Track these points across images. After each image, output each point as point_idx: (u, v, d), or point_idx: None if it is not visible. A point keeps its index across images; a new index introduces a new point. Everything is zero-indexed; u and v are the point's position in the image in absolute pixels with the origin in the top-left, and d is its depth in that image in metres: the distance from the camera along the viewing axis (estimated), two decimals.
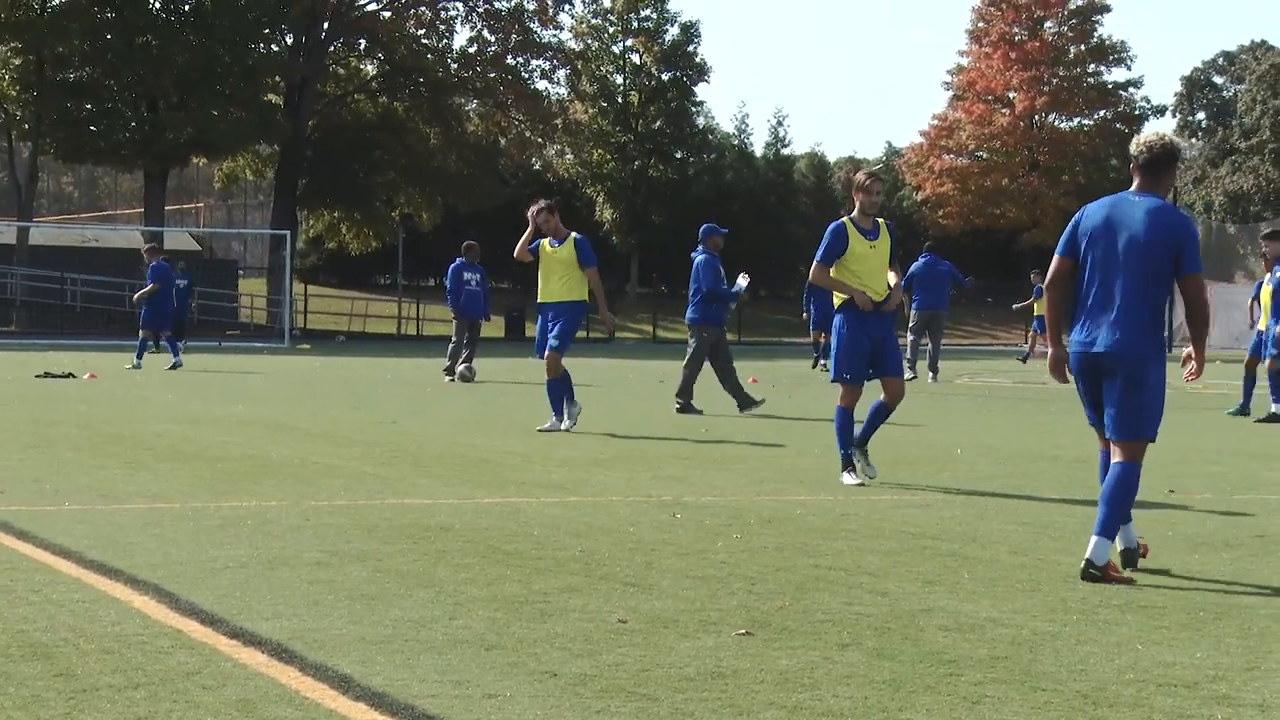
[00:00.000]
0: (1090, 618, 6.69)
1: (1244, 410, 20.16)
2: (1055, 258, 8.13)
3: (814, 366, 33.31)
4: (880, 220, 11.72)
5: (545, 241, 16.27)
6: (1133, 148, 7.97)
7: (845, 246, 11.48)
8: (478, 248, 27.20)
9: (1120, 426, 7.82)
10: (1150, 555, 8.26)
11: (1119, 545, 7.78)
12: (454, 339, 26.81)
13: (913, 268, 28.83)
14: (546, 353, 15.95)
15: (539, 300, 16.29)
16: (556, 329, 16.01)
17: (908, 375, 26.37)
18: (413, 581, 7.26)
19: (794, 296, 72.95)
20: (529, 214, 16.28)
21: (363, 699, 5.14)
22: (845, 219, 11.64)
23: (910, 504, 10.51)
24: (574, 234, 16.36)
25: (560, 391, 16.02)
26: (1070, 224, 8.11)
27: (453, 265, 27.16)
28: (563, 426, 15.89)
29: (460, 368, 26.24)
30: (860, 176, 11.67)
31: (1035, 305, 39.75)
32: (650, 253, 77.23)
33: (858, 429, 11.64)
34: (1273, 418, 19.48)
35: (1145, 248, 7.74)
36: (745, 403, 19.28)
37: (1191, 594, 7.29)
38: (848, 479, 11.48)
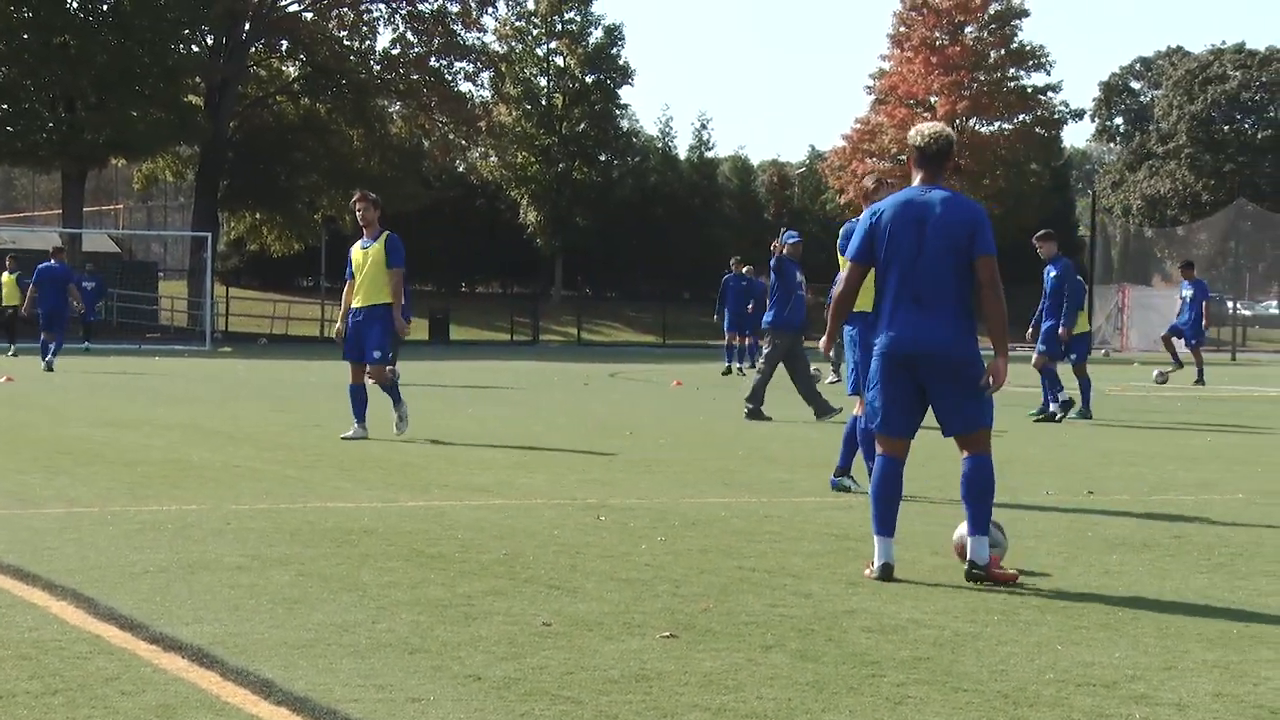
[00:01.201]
0: (1011, 618, 6.74)
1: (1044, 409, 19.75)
2: (850, 264, 7.97)
3: (725, 373, 32.41)
4: None
5: (358, 243, 15.31)
6: (916, 139, 7.88)
7: None
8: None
9: (962, 421, 7.72)
10: (1071, 556, 8.34)
11: (878, 560, 7.65)
12: None
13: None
14: (370, 366, 15.05)
15: (349, 305, 15.25)
16: (373, 338, 15.11)
17: (831, 379, 26.50)
18: (336, 585, 7.22)
19: (716, 299, 73.21)
20: (353, 205, 15.39)
21: (284, 704, 5.10)
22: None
23: (834, 506, 10.56)
24: (387, 232, 15.30)
25: (364, 397, 15.16)
26: (862, 229, 7.92)
27: None
28: (363, 434, 15.00)
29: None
30: (869, 182, 10.76)
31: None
32: (575, 255, 77.19)
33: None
34: (1050, 417, 19.22)
35: (947, 239, 7.66)
36: (822, 409, 18.30)
37: (1110, 595, 7.36)
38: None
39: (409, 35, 67.75)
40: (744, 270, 33.81)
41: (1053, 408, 19.34)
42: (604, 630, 6.34)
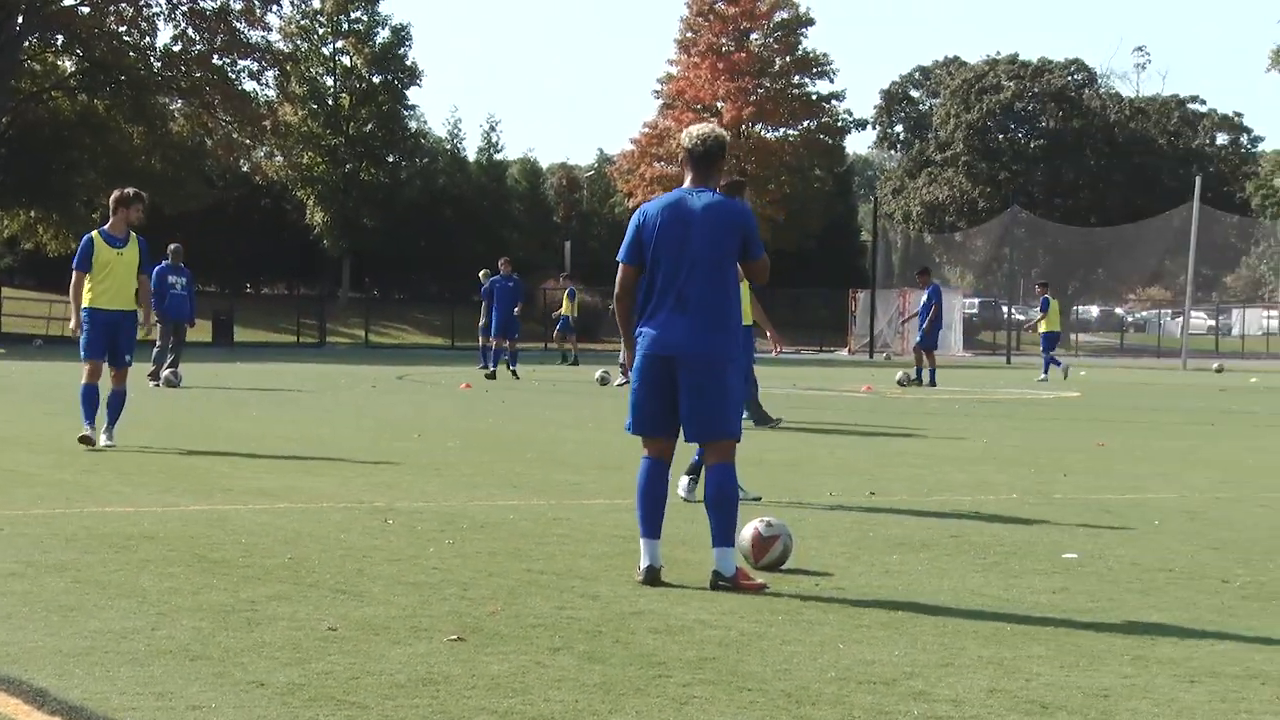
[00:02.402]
0: (795, 618, 6.84)
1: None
2: (621, 266, 7.95)
3: (490, 376, 31.36)
4: None
5: (101, 240, 14.53)
6: (686, 140, 7.93)
7: None
8: (182, 250, 26.54)
9: (706, 428, 7.76)
10: (853, 556, 8.50)
11: (644, 563, 7.66)
12: (159, 343, 26.13)
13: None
14: (117, 371, 14.48)
15: (95, 305, 14.45)
16: (127, 343, 14.56)
17: (619, 381, 26.64)
18: (114, 591, 7.06)
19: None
20: (112, 200, 14.92)
21: (59, 713, 4.98)
22: None
23: (623, 508, 10.60)
24: (138, 236, 14.75)
25: (97, 400, 14.49)
26: (631, 229, 7.93)
27: (157, 268, 26.43)
28: (102, 442, 14.33)
29: (165, 373, 25.58)
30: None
31: (1042, 323, 38.04)
32: (362, 256, 76.46)
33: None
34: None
35: (712, 242, 7.71)
36: (762, 419, 18.18)
37: (890, 594, 7.51)
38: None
39: (190, 32, 66.43)
40: (510, 272, 32.89)
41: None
42: (390, 634, 6.29)
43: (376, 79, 76.64)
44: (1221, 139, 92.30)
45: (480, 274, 34.07)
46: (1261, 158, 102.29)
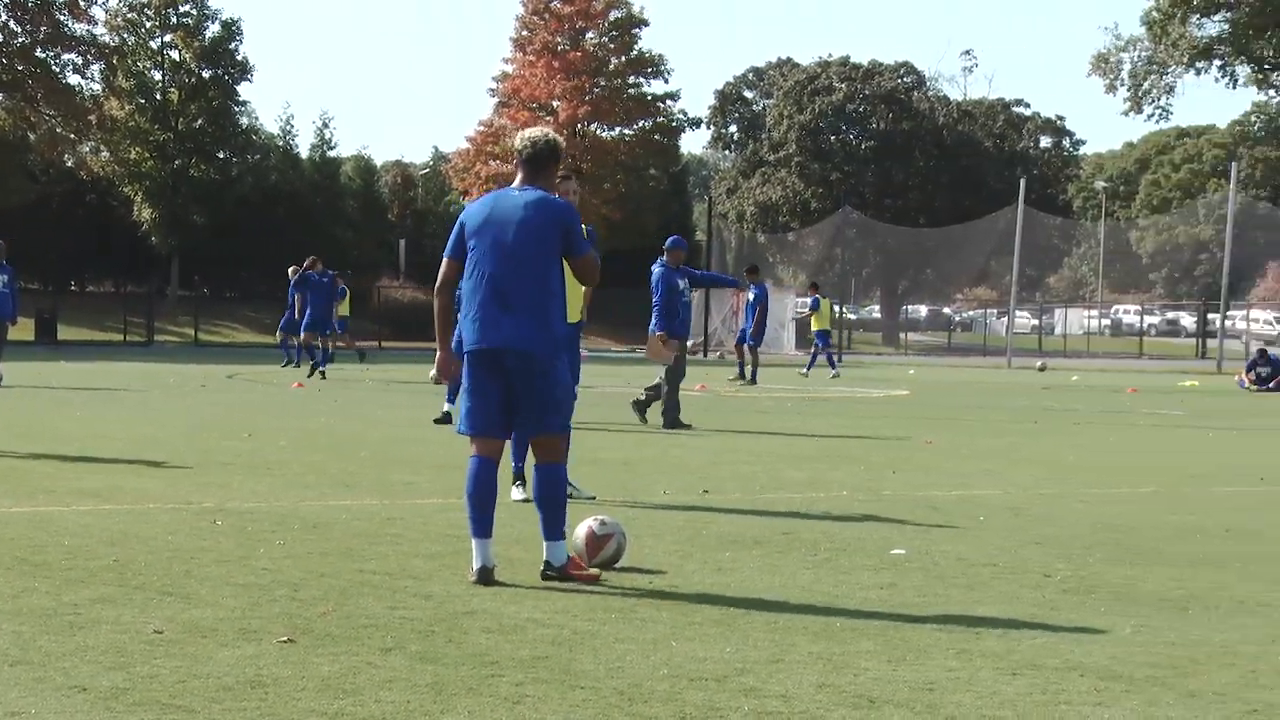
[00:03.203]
0: (628, 616, 6.87)
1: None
2: (445, 261, 8.00)
3: (311, 374, 30.23)
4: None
5: None
6: (517, 142, 8.02)
7: None
8: (4, 247, 25.91)
9: (536, 424, 7.84)
10: (686, 554, 8.55)
11: (476, 563, 7.67)
12: None
13: None
14: None
15: None
16: None
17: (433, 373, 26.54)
18: None
19: (340, 300, 72.22)
20: None
21: None
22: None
23: (456, 507, 10.54)
24: None
25: None
26: (456, 226, 8.02)
27: None
28: None
29: None
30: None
31: (813, 320, 38.90)
32: (192, 254, 75.20)
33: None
34: (447, 417, 17.97)
35: (532, 239, 7.78)
36: (674, 424, 18.26)
37: (723, 591, 7.57)
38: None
39: (12, 25, 64.94)
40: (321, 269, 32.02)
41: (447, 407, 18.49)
42: (219, 637, 6.21)
43: (206, 74, 75.37)
44: (1045, 142, 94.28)
45: (289, 270, 33.65)
46: (1083, 161, 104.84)
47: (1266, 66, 70.12)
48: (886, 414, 23.34)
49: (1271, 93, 78.72)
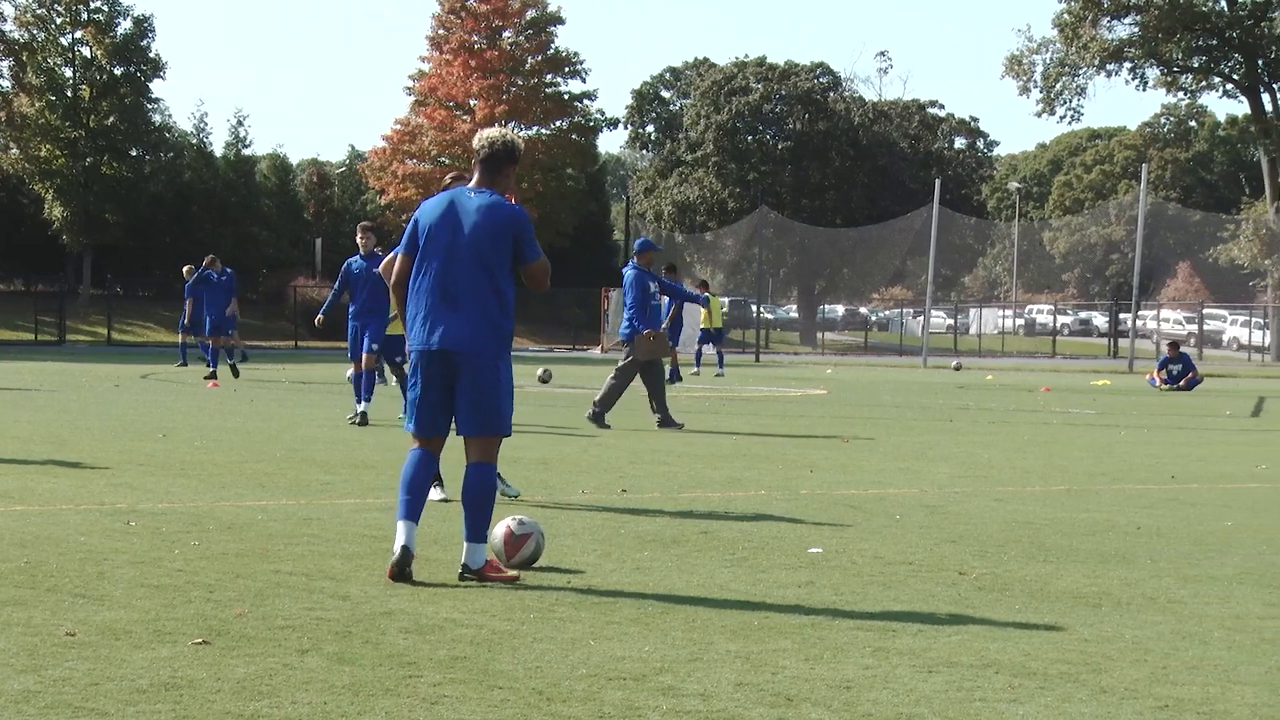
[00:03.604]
0: (546, 616, 6.86)
1: None
2: (399, 257, 8.11)
3: (186, 367, 30.19)
4: None
5: None
6: (475, 142, 8.08)
7: None
8: None
9: (474, 424, 7.89)
10: (605, 553, 8.56)
11: (399, 542, 7.67)
12: None
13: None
14: None
15: None
16: None
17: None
18: None
19: (255, 299, 71.71)
20: None
21: None
22: None
23: (373, 508, 10.52)
24: None
25: None
26: (411, 222, 8.09)
27: None
28: None
29: None
30: (448, 180, 10.15)
31: (703, 317, 39.27)
32: (105, 252, 74.39)
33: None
34: (364, 418, 17.92)
35: (482, 241, 7.85)
36: (667, 423, 18.65)
37: (641, 590, 7.58)
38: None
39: None
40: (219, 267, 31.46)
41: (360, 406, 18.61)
42: (132, 638, 6.15)
43: (118, 71, 74.57)
44: (960, 143, 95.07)
45: (185, 269, 32.98)
46: (997, 162, 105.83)
47: (1175, 69, 71.04)
48: (804, 413, 23.44)
49: (1180, 95, 79.78)
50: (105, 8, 74.23)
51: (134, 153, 76.15)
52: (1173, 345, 37.97)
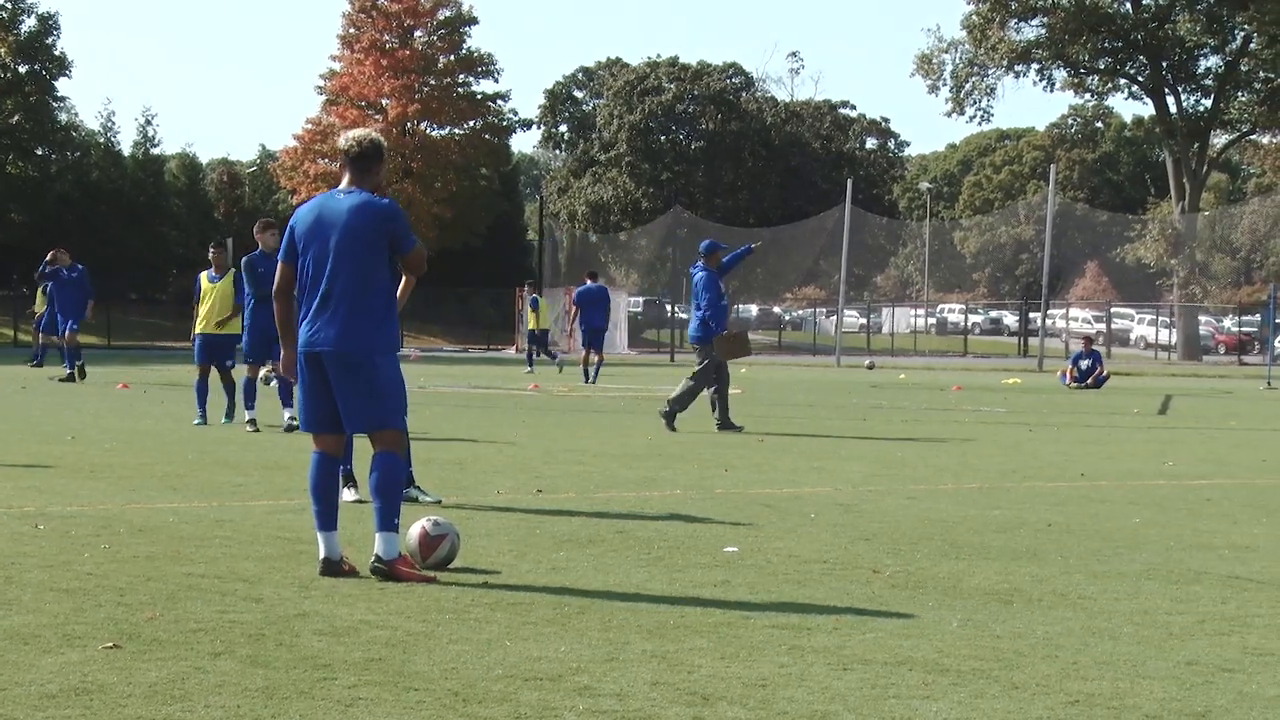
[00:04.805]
0: (462, 616, 6.84)
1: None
2: (279, 265, 8.13)
3: (80, 375, 28.88)
4: None
5: None
6: (342, 142, 8.13)
7: None
8: None
9: (361, 421, 7.97)
10: (520, 553, 8.55)
11: (321, 553, 7.82)
12: None
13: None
14: None
15: None
16: None
17: (266, 370, 26.13)
18: None
19: (165, 300, 71.07)
20: None
21: None
22: None
23: (286, 509, 10.45)
24: None
25: None
26: (288, 230, 8.14)
27: None
28: None
29: None
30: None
31: (531, 319, 39.53)
32: (9, 253, 73.41)
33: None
34: (252, 423, 17.55)
35: (356, 242, 7.89)
36: (727, 426, 18.75)
37: (557, 590, 7.57)
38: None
39: None
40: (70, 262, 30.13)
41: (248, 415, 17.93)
42: (41, 643, 6.08)
43: (23, 69, 73.66)
44: (871, 143, 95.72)
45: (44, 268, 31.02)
46: (908, 162, 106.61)
47: (1082, 70, 71.86)
48: None
49: (1087, 96, 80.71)
50: (9, 5, 73.31)
51: (39, 152, 75.25)
52: (1086, 340, 38.58)
